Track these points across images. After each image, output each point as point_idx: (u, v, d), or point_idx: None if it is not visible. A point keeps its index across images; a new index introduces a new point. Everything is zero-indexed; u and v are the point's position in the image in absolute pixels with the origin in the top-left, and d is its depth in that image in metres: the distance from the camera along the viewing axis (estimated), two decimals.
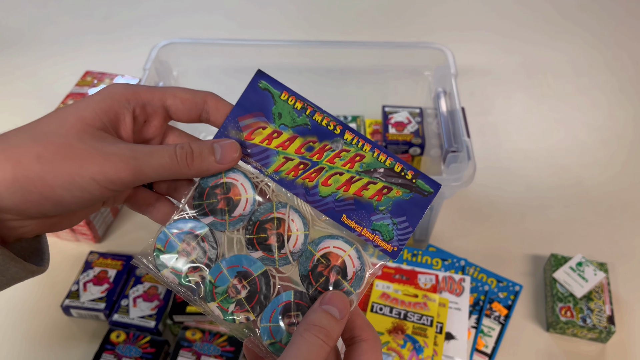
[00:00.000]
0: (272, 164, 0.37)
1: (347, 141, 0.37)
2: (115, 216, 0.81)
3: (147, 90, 0.36)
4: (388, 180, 0.36)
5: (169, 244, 0.37)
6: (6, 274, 0.33)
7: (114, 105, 0.34)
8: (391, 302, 0.65)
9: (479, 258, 0.74)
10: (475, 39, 1.15)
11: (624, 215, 0.81)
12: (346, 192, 0.36)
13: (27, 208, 0.31)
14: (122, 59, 1.10)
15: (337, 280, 0.36)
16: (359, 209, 0.36)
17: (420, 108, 0.82)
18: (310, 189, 0.36)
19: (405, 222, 0.36)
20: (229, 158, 0.36)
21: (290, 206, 0.37)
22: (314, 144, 0.37)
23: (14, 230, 0.33)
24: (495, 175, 0.87)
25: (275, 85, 0.37)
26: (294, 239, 0.37)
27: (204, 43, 0.82)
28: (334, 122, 0.37)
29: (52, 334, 0.68)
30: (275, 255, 0.36)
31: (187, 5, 1.26)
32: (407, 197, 0.36)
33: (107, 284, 0.69)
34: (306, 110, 0.37)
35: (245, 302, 0.36)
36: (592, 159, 0.90)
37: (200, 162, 0.35)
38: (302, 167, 0.37)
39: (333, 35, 1.16)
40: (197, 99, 0.37)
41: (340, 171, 0.36)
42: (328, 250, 0.36)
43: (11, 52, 1.14)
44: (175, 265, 0.36)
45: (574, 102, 1.01)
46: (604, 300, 0.67)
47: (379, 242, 0.36)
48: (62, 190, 0.31)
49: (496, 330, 0.66)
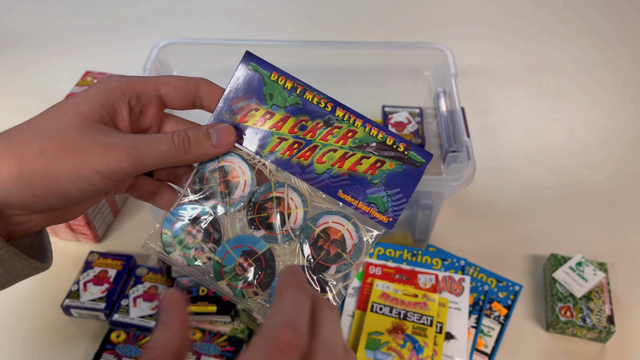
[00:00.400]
0: (267, 145, 0.38)
1: (338, 118, 0.38)
2: (116, 216, 0.81)
3: (141, 80, 0.37)
4: (381, 154, 0.37)
5: (174, 228, 0.38)
6: (11, 271, 0.33)
7: (110, 98, 0.35)
8: (391, 302, 0.65)
9: (479, 258, 0.74)
10: (475, 38, 1.15)
11: (624, 215, 0.81)
12: (341, 168, 0.38)
13: (34, 203, 0.32)
14: (122, 59, 1.10)
15: (337, 252, 0.38)
16: (353, 183, 0.37)
17: (420, 108, 0.82)
18: (305, 167, 0.38)
19: (399, 193, 0.37)
20: (224, 142, 0.37)
21: (288, 185, 0.38)
22: (306, 123, 0.38)
23: (20, 225, 0.34)
24: (495, 175, 0.87)
25: (265, 66, 0.38)
26: (294, 216, 0.38)
27: (204, 43, 0.82)
28: (324, 99, 0.38)
29: (52, 334, 0.68)
30: (277, 233, 0.38)
31: (187, 6, 1.26)
32: (399, 169, 0.37)
33: (107, 284, 0.70)
34: (297, 90, 0.38)
35: (253, 279, 0.38)
36: (592, 159, 0.90)
37: (197, 147, 0.36)
38: (296, 146, 0.38)
39: (333, 35, 1.16)
40: (189, 85, 0.38)
41: (334, 148, 0.38)
42: (327, 225, 0.38)
43: (11, 52, 1.14)
44: (183, 248, 0.38)
45: (574, 101, 1.01)
46: (603, 300, 0.67)
47: (375, 214, 0.38)
48: (67, 183, 0.32)
49: (496, 330, 0.67)
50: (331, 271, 0.38)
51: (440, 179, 0.62)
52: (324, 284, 0.38)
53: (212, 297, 0.66)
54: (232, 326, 0.66)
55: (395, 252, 0.72)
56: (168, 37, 0.82)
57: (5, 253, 0.32)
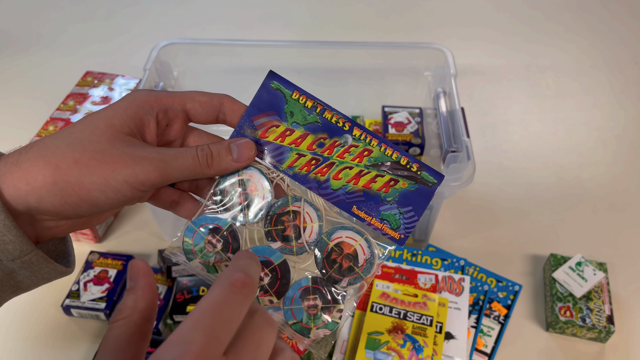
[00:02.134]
0: (286, 160, 0.39)
1: (355, 137, 0.39)
2: (116, 216, 0.81)
3: (168, 95, 0.39)
4: (395, 173, 0.39)
5: (195, 236, 0.40)
6: (37, 274, 0.35)
7: (139, 112, 0.37)
8: (391, 301, 0.65)
9: (479, 258, 0.74)
10: (475, 39, 1.15)
11: (624, 215, 0.81)
12: (356, 184, 0.39)
13: (65, 210, 0.34)
14: (122, 59, 1.10)
15: (350, 266, 0.39)
16: (368, 200, 0.39)
17: (420, 108, 0.83)
18: (322, 182, 0.39)
19: (411, 211, 0.39)
20: (245, 157, 0.38)
21: (305, 199, 0.40)
22: (324, 141, 0.39)
23: (50, 230, 0.36)
24: (495, 175, 0.87)
25: (287, 85, 0.40)
26: (309, 229, 0.40)
27: (204, 43, 0.82)
28: (342, 119, 0.39)
29: (52, 334, 0.68)
30: (293, 245, 0.40)
31: (188, 6, 1.26)
32: (412, 189, 0.39)
33: (107, 284, 0.70)
34: (316, 109, 0.39)
35: (269, 288, 0.39)
36: (592, 159, 0.90)
37: (220, 162, 0.38)
38: (314, 162, 0.39)
39: (333, 35, 1.16)
40: (214, 101, 0.40)
41: (350, 165, 0.39)
42: (341, 239, 0.39)
43: (11, 52, 1.14)
44: (204, 256, 0.40)
45: (574, 102, 1.01)
46: (603, 300, 0.67)
47: (387, 230, 0.39)
48: (98, 192, 0.34)
49: (496, 330, 0.67)
50: (343, 284, 0.39)
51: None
52: (337, 295, 0.39)
53: None
54: None
55: (395, 252, 0.72)
56: (168, 37, 0.82)
57: (34, 257, 0.34)
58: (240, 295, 0.28)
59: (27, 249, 0.33)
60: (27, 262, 0.34)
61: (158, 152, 0.36)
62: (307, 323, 0.39)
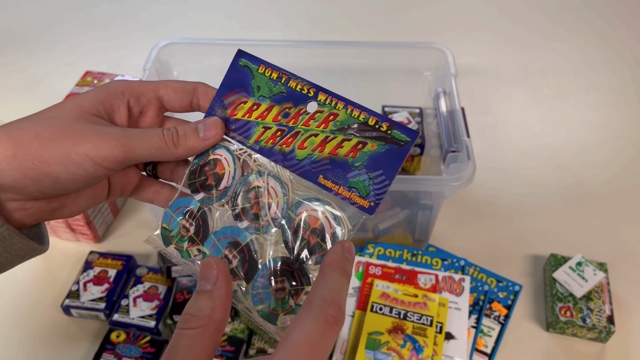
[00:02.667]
0: (252, 135, 0.38)
1: (320, 102, 0.37)
2: (115, 216, 0.81)
3: (141, 83, 0.39)
4: (362, 135, 0.35)
5: (172, 222, 0.39)
6: (11, 250, 0.34)
7: (110, 97, 0.37)
8: (391, 302, 0.65)
9: (479, 258, 0.74)
10: (475, 39, 1.15)
11: (624, 215, 0.81)
12: (321, 152, 0.36)
13: (26, 185, 0.33)
14: (122, 59, 1.10)
15: (317, 242, 0.36)
16: (334, 167, 0.36)
17: (420, 108, 0.82)
18: (287, 154, 0.37)
19: (382, 175, 0.35)
20: (211, 134, 0.38)
21: (268, 173, 0.38)
22: (289, 110, 0.37)
23: (15, 213, 0.35)
24: (495, 175, 0.87)
25: (254, 60, 0.39)
26: (275, 205, 0.37)
27: (204, 43, 0.82)
28: (307, 85, 0.37)
29: (52, 334, 0.68)
30: (260, 223, 0.37)
31: (188, 5, 1.26)
32: (382, 150, 0.35)
33: (107, 284, 0.70)
34: (282, 79, 0.38)
35: (237, 271, 0.37)
36: (592, 159, 0.90)
37: (186, 141, 0.37)
38: (279, 134, 0.37)
39: (333, 35, 1.16)
40: (187, 86, 0.40)
41: (315, 132, 0.37)
42: (306, 213, 0.36)
43: (11, 52, 1.14)
44: (178, 241, 0.39)
45: (574, 102, 1.01)
46: (603, 300, 0.67)
47: (356, 199, 0.35)
48: (58, 166, 0.33)
49: (496, 330, 0.67)
50: (311, 262, 0.36)
51: (440, 179, 0.62)
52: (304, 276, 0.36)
53: None
54: (232, 326, 0.66)
55: (395, 252, 0.72)
56: (168, 37, 0.82)
57: (5, 231, 0.33)
58: (333, 332, 0.28)
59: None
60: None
61: (123, 130, 0.36)
62: (274, 309, 0.36)
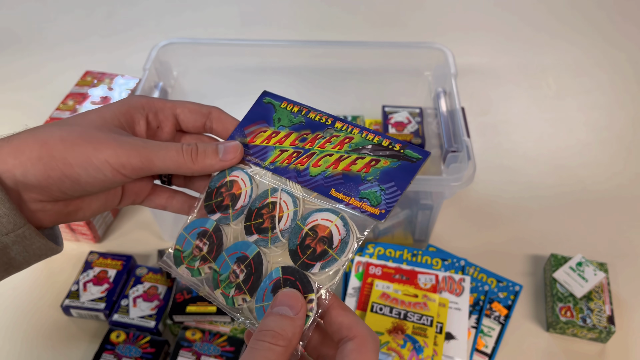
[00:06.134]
0: (269, 157, 0.40)
1: (337, 129, 0.39)
2: (115, 216, 0.81)
3: (160, 100, 0.41)
4: (376, 154, 0.37)
5: (185, 243, 0.40)
6: (30, 250, 0.36)
7: (130, 110, 0.40)
8: (391, 302, 0.65)
9: (479, 258, 0.74)
10: (475, 38, 1.15)
11: (624, 215, 0.81)
12: (335, 169, 0.38)
13: (48, 185, 0.35)
14: (122, 59, 1.10)
15: (324, 249, 0.36)
16: (347, 182, 0.37)
17: (420, 108, 0.82)
18: (301, 171, 0.39)
19: (394, 186, 0.36)
20: (230, 156, 0.39)
21: (282, 188, 0.39)
22: (307, 136, 0.40)
23: (35, 214, 0.37)
24: (495, 175, 0.87)
25: (277, 98, 0.42)
26: (285, 217, 0.38)
27: (204, 43, 0.82)
28: (326, 116, 0.40)
29: (52, 334, 0.68)
30: (269, 236, 0.38)
31: (188, 5, 1.26)
32: (395, 165, 0.37)
33: (107, 284, 0.69)
34: (302, 112, 0.41)
35: (243, 285, 0.37)
36: (592, 159, 0.90)
37: (204, 158, 0.39)
38: (295, 155, 0.39)
39: (333, 35, 1.16)
40: (202, 109, 0.42)
41: (330, 153, 0.38)
42: (316, 222, 0.37)
43: (11, 52, 1.14)
44: (190, 261, 0.40)
45: (574, 102, 1.01)
46: (604, 300, 0.67)
47: (367, 207, 0.36)
48: (80, 169, 0.35)
49: (496, 330, 0.66)
50: (315, 269, 0.36)
51: (440, 179, 0.62)
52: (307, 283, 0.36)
53: None
54: (232, 326, 0.66)
55: (395, 252, 0.72)
56: (168, 37, 0.82)
57: (27, 231, 0.34)
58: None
59: (20, 222, 0.34)
60: (20, 235, 0.34)
61: (142, 141, 0.37)
62: None
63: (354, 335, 0.33)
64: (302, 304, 0.34)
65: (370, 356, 0.32)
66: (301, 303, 0.34)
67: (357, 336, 0.33)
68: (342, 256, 0.35)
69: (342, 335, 0.34)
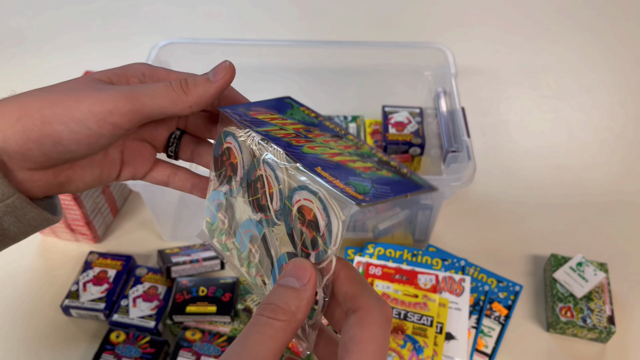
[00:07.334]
0: (265, 127, 0.35)
1: (348, 139, 0.36)
2: (115, 216, 0.81)
3: (165, 70, 0.37)
4: (379, 165, 0.33)
5: (212, 215, 0.38)
6: (23, 220, 0.34)
7: (127, 72, 0.36)
8: (391, 302, 0.65)
9: (479, 258, 0.74)
10: (475, 38, 1.15)
11: (624, 215, 0.81)
12: (331, 158, 0.33)
13: (30, 148, 0.32)
14: (122, 59, 1.08)
15: (314, 237, 0.32)
16: (338, 169, 0.32)
17: (420, 108, 0.82)
18: (294, 145, 0.34)
19: (388, 189, 0.31)
20: (220, 74, 0.35)
21: (264, 160, 0.34)
22: (314, 130, 0.36)
23: (23, 184, 0.34)
24: (495, 175, 0.87)
25: (298, 103, 0.40)
26: (275, 195, 0.34)
27: (204, 43, 0.82)
28: (339, 127, 0.37)
29: (52, 334, 0.68)
30: (269, 215, 0.35)
31: (188, 5, 1.26)
32: (395, 178, 0.32)
33: (106, 284, 0.69)
34: (318, 118, 0.38)
35: (259, 266, 0.36)
36: (593, 159, 0.90)
37: (195, 86, 0.35)
38: (293, 135, 0.35)
39: (333, 35, 1.16)
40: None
41: (332, 147, 0.34)
42: (300, 203, 0.33)
43: (11, 52, 1.14)
44: (219, 234, 0.38)
45: (575, 102, 1.01)
46: (604, 301, 0.67)
47: (349, 190, 0.31)
48: (59, 125, 0.32)
49: (496, 331, 0.66)
50: (312, 258, 0.32)
51: (440, 179, 0.62)
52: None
53: (212, 298, 0.66)
54: (232, 326, 0.66)
55: (395, 252, 0.72)
56: (168, 37, 0.82)
57: (17, 200, 0.32)
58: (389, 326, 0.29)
59: (9, 191, 0.32)
60: (10, 205, 0.32)
61: (128, 86, 0.34)
62: None
63: (357, 306, 0.29)
64: (311, 275, 0.30)
65: (373, 329, 0.28)
66: (310, 274, 0.30)
67: (360, 307, 0.29)
68: (330, 246, 0.31)
69: (347, 307, 0.30)
